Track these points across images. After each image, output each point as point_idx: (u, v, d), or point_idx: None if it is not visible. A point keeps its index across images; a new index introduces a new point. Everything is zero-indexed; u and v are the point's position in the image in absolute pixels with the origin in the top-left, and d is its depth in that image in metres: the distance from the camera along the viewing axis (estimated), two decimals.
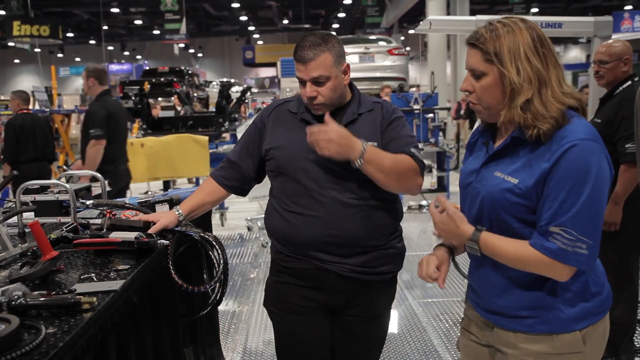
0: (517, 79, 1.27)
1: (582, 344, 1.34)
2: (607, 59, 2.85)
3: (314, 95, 1.74)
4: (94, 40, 29.61)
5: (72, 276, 1.48)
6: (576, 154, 1.24)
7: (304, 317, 1.82)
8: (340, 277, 1.77)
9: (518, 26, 1.30)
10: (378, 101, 1.87)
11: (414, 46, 25.11)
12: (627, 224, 2.80)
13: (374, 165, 1.66)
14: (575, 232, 1.24)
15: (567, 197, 1.24)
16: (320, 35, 1.77)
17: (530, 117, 1.27)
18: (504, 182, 1.32)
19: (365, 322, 1.85)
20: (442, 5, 16.12)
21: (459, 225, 1.36)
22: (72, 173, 2.53)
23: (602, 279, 1.41)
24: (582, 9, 23.91)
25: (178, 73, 15.97)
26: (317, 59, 1.72)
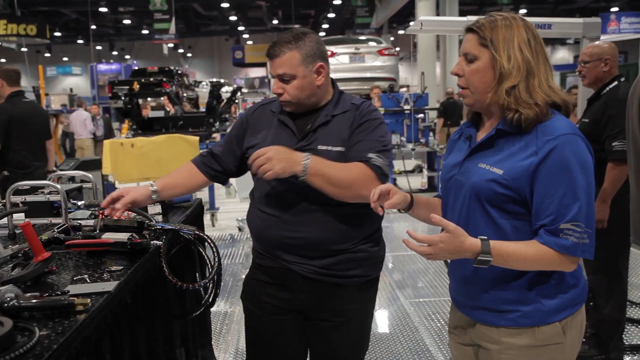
0: (507, 64, 1.32)
1: (562, 334, 1.39)
2: (587, 59, 2.91)
3: (280, 92, 1.75)
4: (82, 39, 29.38)
5: (64, 277, 1.46)
6: (562, 149, 1.29)
7: (273, 316, 1.83)
8: (304, 278, 1.77)
9: (516, 21, 1.37)
10: (356, 102, 1.81)
11: (403, 47, 25.20)
12: (615, 222, 2.83)
13: (320, 177, 1.64)
14: (583, 224, 1.30)
15: (564, 193, 1.28)
16: (294, 33, 1.75)
17: (513, 100, 1.32)
18: (489, 172, 1.36)
19: (336, 328, 1.82)
20: (432, 6, 16.18)
21: (464, 241, 1.30)
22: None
23: (578, 271, 1.44)
24: (570, 10, 24.14)
25: (167, 73, 15.86)
26: (282, 56, 1.71)
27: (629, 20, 18.01)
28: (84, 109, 11.81)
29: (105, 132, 11.98)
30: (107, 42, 31.43)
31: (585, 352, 2.99)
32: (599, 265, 2.96)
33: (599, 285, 2.98)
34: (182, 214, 2.24)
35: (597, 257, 3.10)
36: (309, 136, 1.76)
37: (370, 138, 1.74)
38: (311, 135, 1.76)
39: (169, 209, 2.27)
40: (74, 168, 4.82)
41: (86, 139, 11.43)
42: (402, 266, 5.02)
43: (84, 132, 11.38)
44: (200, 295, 2.08)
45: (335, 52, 10.15)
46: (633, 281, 4.09)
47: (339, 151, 1.72)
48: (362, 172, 1.67)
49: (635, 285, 4.10)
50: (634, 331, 3.37)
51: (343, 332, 1.84)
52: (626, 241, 2.87)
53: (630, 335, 3.29)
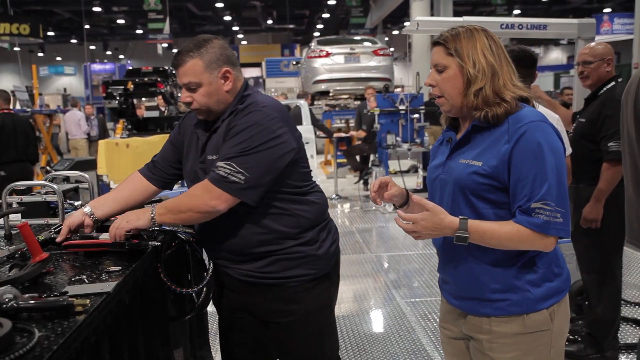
0: (472, 70, 1.44)
1: (550, 321, 1.46)
2: (591, 59, 2.91)
3: (189, 101, 1.75)
4: (76, 39, 29.22)
5: (62, 278, 1.46)
6: (530, 134, 1.38)
7: (227, 315, 1.92)
8: (240, 281, 1.81)
9: (477, 31, 1.48)
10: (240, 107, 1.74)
11: (397, 47, 25.23)
12: (609, 221, 2.85)
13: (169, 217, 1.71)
14: (553, 203, 1.37)
15: (535, 174, 1.37)
16: (196, 40, 1.75)
17: (481, 101, 1.44)
18: (470, 166, 1.45)
19: (285, 327, 1.82)
20: (426, 7, 16.21)
21: (443, 218, 1.41)
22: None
23: (562, 260, 1.52)
24: (563, 11, 24.25)
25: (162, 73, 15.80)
26: (185, 65, 1.71)
27: (621, 22, 18.14)
28: (78, 109, 11.75)
29: (99, 132, 11.93)
30: (100, 42, 31.27)
31: (581, 351, 3.00)
32: (593, 264, 2.98)
33: (592, 285, 3.00)
34: None
35: (591, 257, 3.14)
36: (207, 146, 1.79)
37: (227, 146, 1.69)
38: (208, 145, 1.79)
39: None
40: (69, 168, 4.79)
41: (80, 139, 11.38)
42: (398, 266, 5.03)
43: (78, 132, 11.33)
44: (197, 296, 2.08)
45: (330, 52, 10.16)
46: (627, 280, 4.12)
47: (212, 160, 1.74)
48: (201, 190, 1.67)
49: (629, 284, 4.13)
50: (628, 330, 3.39)
51: (296, 331, 1.83)
52: (620, 241, 2.89)
53: (625, 334, 3.31)
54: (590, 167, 2.89)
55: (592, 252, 2.97)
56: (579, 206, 2.97)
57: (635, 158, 2.23)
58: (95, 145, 11.25)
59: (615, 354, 2.99)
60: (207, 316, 2.62)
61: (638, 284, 4.21)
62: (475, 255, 1.46)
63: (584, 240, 2.98)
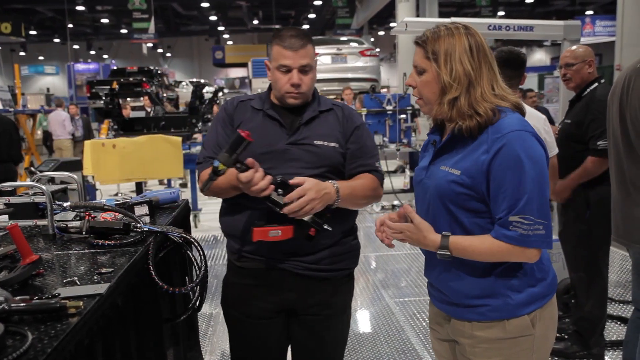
0: (447, 78, 1.39)
1: (531, 327, 1.44)
2: (572, 62, 2.96)
3: (300, 83, 1.76)
4: (59, 38, 28.86)
5: (53, 280, 1.43)
6: (511, 145, 1.34)
7: (261, 320, 1.82)
8: (295, 275, 1.78)
9: (459, 32, 1.42)
10: (337, 103, 1.90)
11: (383, 47, 25.35)
12: (596, 221, 2.89)
13: (348, 201, 1.74)
14: (533, 217, 1.34)
15: (514, 187, 1.34)
16: (298, 28, 1.83)
17: (455, 112, 1.40)
18: (449, 174, 1.43)
19: (324, 321, 1.85)
20: (412, 8, 16.28)
21: (427, 235, 1.43)
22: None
23: (547, 265, 1.50)
24: (546, 12, 24.55)
25: (147, 73, 15.72)
26: (305, 48, 1.77)
27: (603, 24, 18.40)
28: (62, 109, 11.61)
29: (84, 132, 11.79)
30: (84, 41, 30.91)
31: (568, 349, 3.04)
32: (581, 263, 3.02)
33: (580, 283, 3.04)
34: (169, 216, 2.22)
35: (579, 256, 3.19)
36: (300, 130, 1.79)
37: (369, 144, 1.86)
38: (302, 130, 1.79)
39: (156, 210, 2.25)
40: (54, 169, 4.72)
41: (65, 139, 11.24)
42: (386, 265, 5.05)
43: (62, 133, 11.19)
44: (188, 298, 2.07)
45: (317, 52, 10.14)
46: (611, 278, 4.17)
47: (334, 147, 1.79)
48: (374, 185, 1.82)
49: (613, 282, 4.19)
50: (613, 327, 3.44)
51: (330, 325, 1.87)
52: (607, 240, 2.94)
53: (610, 331, 3.36)
54: (576, 168, 2.93)
55: (580, 251, 3.01)
56: (567, 207, 3.02)
57: (620, 159, 2.27)
58: (79, 146, 11.13)
59: (602, 351, 3.03)
60: (197, 317, 2.61)
61: (622, 282, 4.28)
62: (457, 261, 1.45)
63: (573, 239, 3.03)
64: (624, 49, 8.19)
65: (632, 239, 2.24)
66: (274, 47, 1.79)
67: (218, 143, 1.84)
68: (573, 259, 3.07)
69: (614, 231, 2.38)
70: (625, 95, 2.18)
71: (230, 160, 1.56)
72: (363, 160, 1.81)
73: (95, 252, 1.70)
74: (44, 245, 1.80)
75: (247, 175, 1.57)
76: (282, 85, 1.78)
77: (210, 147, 1.87)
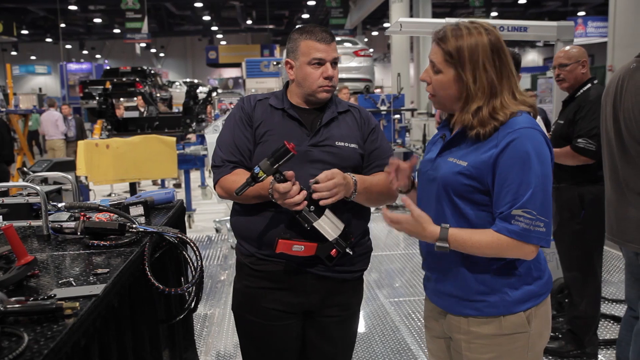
0: (473, 86, 1.39)
1: (526, 324, 1.45)
2: (566, 62, 2.98)
3: (334, 75, 1.77)
4: (51, 38, 28.69)
5: (48, 281, 1.43)
6: (519, 141, 1.36)
7: (278, 323, 1.79)
8: (317, 277, 1.76)
9: (481, 35, 1.40)
10: (353, 105, 1.92)
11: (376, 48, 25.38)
12: (590, 221, 2.91)
13: (364, 195, 1.72)
14: (535, 212, 1.35)
15: (520, 181, 1.35)
16: (315, 25, 1.85)
17: (477, 122, 1.40)
18: (456, 165, 1.44)
19: (340, 322, 1.86)
20: (406, 8, 16.33)
21: (426, 227, 1.43)
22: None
23: (543, 264, 1.51)
24: (539, 13, 24.69)
25: (140, 73, 15.66)
26: (334, 42, 1.80)
27: (595, 25, 18.51)
28: (55, 109, 11.54)
29: (77, 133, 11.72)
30: (76, 41, 30.76)
31: (562, 348, 3.06)
32: (576, 262, 3.04)
33: (574, 282, 3.06)
34: (164, 216, 2.21)
35: (574, 255, 3.20)
36: (321, 132, 1.78)
37: (385, 145, 1.89)
38: (323, 131, 1.78)
39: (151, 210, 2.24)
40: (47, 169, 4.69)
41: (57, 139, 11.17)
42: (380, 265, 5.05)
43: (55, 133, 11.12)
44: (184, 299, 2.06)
45: None
46: (604, 278, 4.20)
47: (354, 148, 1.80)
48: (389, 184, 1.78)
49: (606, 281, 4.21)
50: (607, 326, 3.46)
51: (345, 326, 1.88)
52: (601, 239, 2.96)
53: (604, 330, 3.38)
54: (571, 168, 2.95)
55: (574, 251, 3.02)
56: (561, 206, 3.03)
57: (614, 159, 2.28)
58: (72, 146, 11.06)
59: (595, 349, 3.05)
60: (193, 318, 2.61)
61: (615, 281, 4.30)
62: (456, 254, 1.46)
63: (567, 239, 3.04)
64: (616, 50, 8.25)
65: (625, 238, 2.25)
66: (303, 42, 1.76)
67: (236, 144, 1.78)
68: (567, 259, 3.09)
69: (607, 230, 2.40)
70: (618, 96, 2.20)
71: (272, 169, 1.56)
72: (380, 161, 1.82)
73: (90, 252, 1.69)
74: (39, 246, 1.79)
75: (286, 187, 1.56)
76: (314, 79, 1.76)
77: (227, 149, 1.79)
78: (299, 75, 1.78)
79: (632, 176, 2.17)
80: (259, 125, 1.79)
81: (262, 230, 1.75)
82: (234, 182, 1.71)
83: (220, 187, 1.80)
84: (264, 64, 12.86)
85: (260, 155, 1.72)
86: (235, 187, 1.66)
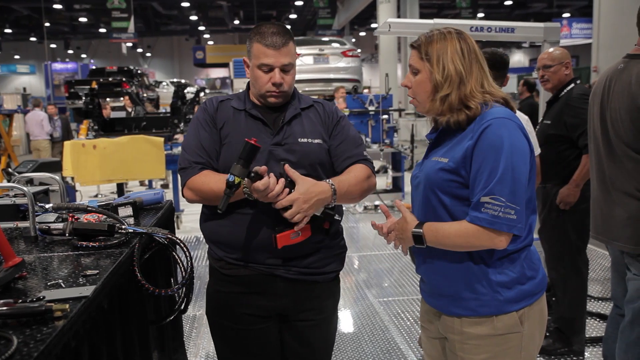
0: (439, 77, 1.46)
1: (519, 324, 1.46)
2: (550, 63, 3.04)
3: (282, 82, 1.71)
4: (35, 37, 28.36)
5: (36, 283, 1.41)
6: (491, 130, 1.39)
7: (252, 327, 1.76)
8: (287, 280, 1.73)
9: (451, 35, 1.49)
10: (317, 100, 1.89)
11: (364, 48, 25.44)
12: (574, 219, 2.95)
13: (345, 198, 1.71)
14: (503, 199, 1.36)
15: (490, 168, 1.37)
16: (280, 24, 1.78)
17: (446, 107, 1.47)
18: (438, 163, 1.49)
19: (315, 326, 1.83)
20: (393, 9, 16.40)
21: (411, 222, 1.51)
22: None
23: (537, 264, 1.52)
24: (524, 14, 24.94)
25: (127, 73, 15.53)
26: (287, 46, 1.71)
27: (579, 26, 18.74)
28: (40, 109, 11.41)
29: (63, 133, 11.59)
30: (61, 41, 30.43)
31: (550, 346, 3.09)
32: (559, 261, 3.07)
33: (559, 281, 3.09)
34: (153, 217, 2.19)
35: (557, 254, 3.23)
36: (284, 130, 1.75)
37: (352, 135, 1.83)
38: (285, 129, 1.75)
39: (140, 211, 2.22)
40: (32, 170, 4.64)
41: (43, 140, 11.04)
42: (369, 265, 5.06)
43: (40, 133, 10.99)
44: (173, 300, 2.05)
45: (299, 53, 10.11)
46: (590, 276, 4.23)
47: (319, 144, 1.76)
48: (367, 175, 1.78)
49: (592, 280, 4.26)
50: (593, 324, 3.50)
51: (322, 329, 1.85)
52: (584, 238, 3.00)
53: (590, 328, 3.42)
54: (557, 167, 2.98)
55: (558, 249, 3.06)
56: (547, 205, 3.07)
57: (601, 158, 2.31)
58: (58, 147, 10.95)
59: (582, 347, 3.08)
60: (182, 319, 2.59)
61: (601, 279, 4.36)
62: (449, 253, 1.48)
63: (551, 237, 3.08)
64: (600, 51, 8.35)
65: (611, 237, 2.27)
66: (254, 44, 1.72)
67: (203, 146, 1.75)
68: (551, 258, 3.12)
69: (592, 228, 2.42)
70: (606, 96, 2.22)
71: (246, 171, 1.53)
72: (350, 152, 1.79)
73: (79, 254, 1.67)
74: (26, 248, 1.77)
75: (265, 183, 1.52)
76: (262, 84, 1.72)
77: (193, 150, 1.76)
78: (252, 76, 1.76)
79: (618, 176, 2.19)
80: (222, 127, 1.76)
81: (231, 234, 1.72)
82: (203, 183, 1.70)
83: (188, 189, 1.75)
84: None
85: (225, 156, 1.72)
86: (205, 188, 1.67)
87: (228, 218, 1.71)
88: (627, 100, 2.11)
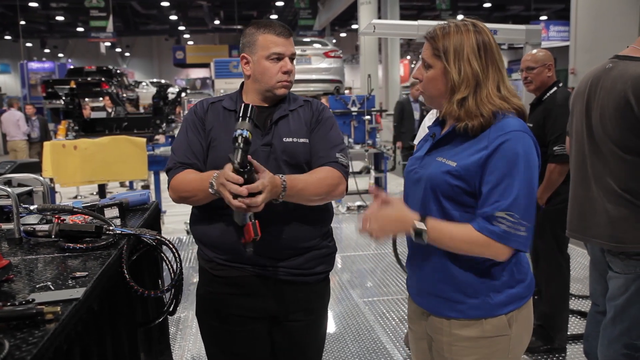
0: (457, 77, 1.41)
1: (507, 327, 1.46)
2: (533, 65, 3.08)
3: (292, 70, 1.75)
4: (10, 35, 27.80)
5: (23, 286, 1.39)
6: (510, 145, 1.36)
7: (242, 328, 1.75)
8: (277, 281, 1.73)
9: (467, 29, 1.44)
10: (308, 99, 1.88)
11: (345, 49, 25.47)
12: (553, 217, 3.00)
13: (297, 197, 1.65)
14: (518, 216, 1.36)
15: (507, 184, 1.36)
16: (277, 22, 1.82)
17: (463, 112, 1.41)
18: (444, 165, 1.44)
19: (305, 327, 1.83)
20: (374, 10, 16.48)
21: (403, 209, 1.44)
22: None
23: (526, 267, 1.52)
24: (503, 17, 25.28)
25: (106, 73, 15.33)
26: (292, 37, 1.78)
27: (556, 29, 19.08)
28: (16, 108, 11.18)
29: (41, 134, 11.38)
30: (37, 39, 29.86)
31: (532, 343, 3.12)
32: (541, 258, 3.13)
33: (541, 279, 3.14)
34: (140, 218, 2.17)
35: (539, 252, 3.27)
36: (272, 130, 1.75)
37: (332, 135, 1.80)
38: (274, 129, 1.75)
39: (126, 212, 2.20)
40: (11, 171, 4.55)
41: (20, 140, 10.83)
42: (352, 265, 5.08)
43: (17, 134, 10.77)
44: (161, 302, 2.04)
45: None
46: (571, 275, 4.32)
47: (305, 143, 1.76)
48: (332, 178, 1.73)
49: (573, 278, 4.32)
50: (574, 321, 3.57)
51: (312, 330, 1.85)
52: (564, 236, 3.05)
53: (571, 325, 3.48)
54: (540, 169, 3.04)
55: (539, 247, 3.11)
56: None
57: (583, 155, 2.34)
58: (35, 147, 10.76)
59: (563, 344, 3.14)
60: (168, 321, 2.57)
61: (581, 278, 4.44)
62: (441, 251, 1.46)
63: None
64: (577, 54, 8.50)
65: (591, 234, 2.30)
66: (261, 36, 1.73)
67: (191, 148, 1.75)
68: (533, 255, 3.17)
69: (568, 226, 2.44)
70: (593, 94, 2.24)
71: (248, 124, 1.50)
72: (322, 152, 1.75)
73: (66, 256, 1.65)
74: (10, 250, 1.74)
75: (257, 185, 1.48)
76: (272, 74, 1.73)
77: (182, 152, 1.76)
78: (257, 70, 1.75)
79: (603, 173, 2.21)
80: (211, 129, 1.76)
81: (221, 235, 1.71)
82: (184, 179, 1.69)
83: (172, 189, 1.74)
84: (233, 65, 12.76)
85: (213, 158, 1.71)
86: (187, 186, 1.67)
87: (219, 220, 1.71)
88: (616, 97, 2.12)
